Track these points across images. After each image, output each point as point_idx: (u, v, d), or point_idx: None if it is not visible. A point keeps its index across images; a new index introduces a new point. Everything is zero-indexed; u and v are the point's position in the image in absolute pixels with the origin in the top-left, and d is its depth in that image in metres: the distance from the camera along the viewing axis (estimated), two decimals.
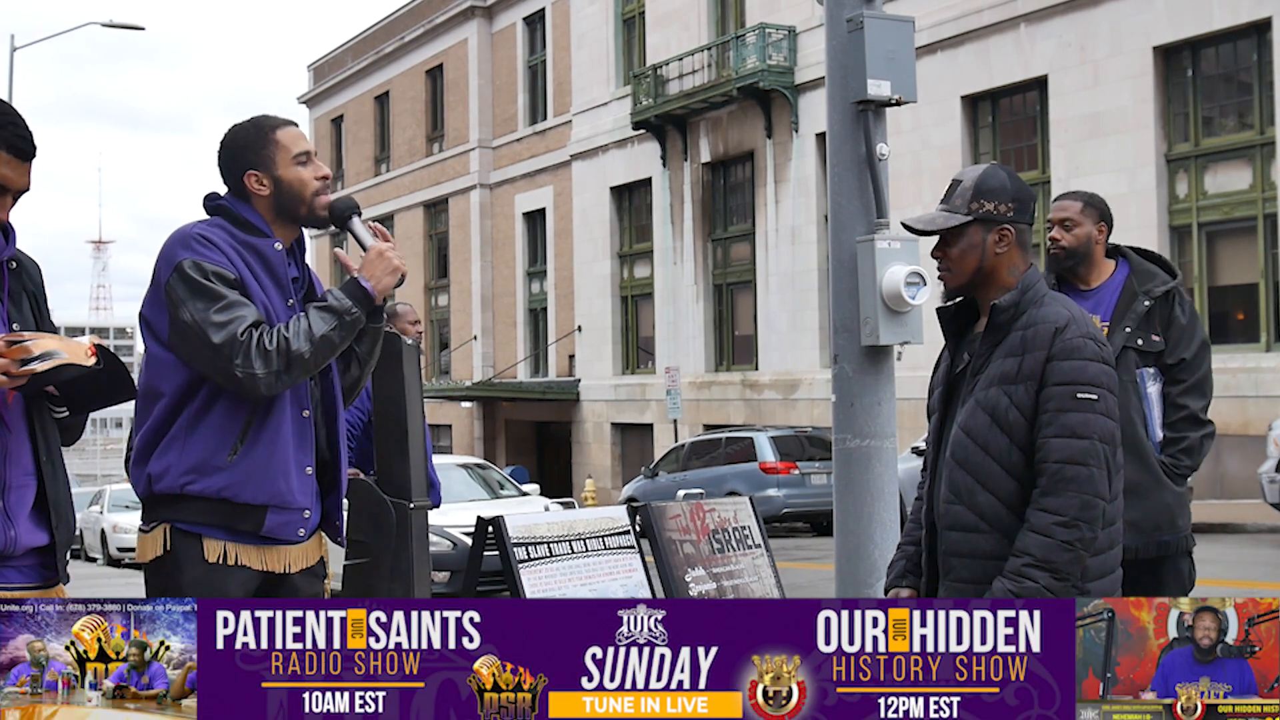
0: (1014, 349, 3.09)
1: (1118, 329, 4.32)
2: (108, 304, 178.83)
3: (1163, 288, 4.39)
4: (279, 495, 3.28)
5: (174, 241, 3.27)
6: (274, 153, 3.39)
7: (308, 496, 3.36)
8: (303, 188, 3.39)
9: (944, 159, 21.38)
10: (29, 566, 2.85)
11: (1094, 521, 2.98)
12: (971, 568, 3.09)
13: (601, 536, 5.81)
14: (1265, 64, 17.57)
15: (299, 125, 3.53)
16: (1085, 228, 4.42)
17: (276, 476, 3.27)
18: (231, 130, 3.47)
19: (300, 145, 3.42)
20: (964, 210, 3.17)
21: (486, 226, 35.86)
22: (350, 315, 3.28)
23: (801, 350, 24.88)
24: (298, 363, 3.19)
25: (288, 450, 3.29)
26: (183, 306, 3.17)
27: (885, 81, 6.67)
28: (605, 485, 29.66)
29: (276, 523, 3.30)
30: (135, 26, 29.13)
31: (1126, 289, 4.39)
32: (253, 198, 3.38)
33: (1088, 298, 4.40)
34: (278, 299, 3.33)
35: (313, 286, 3.48)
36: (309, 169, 3.41)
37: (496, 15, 35.62)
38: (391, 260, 3.36)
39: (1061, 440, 2.99)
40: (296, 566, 3.39)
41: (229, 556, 3.27)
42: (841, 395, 6.79)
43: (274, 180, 3.38)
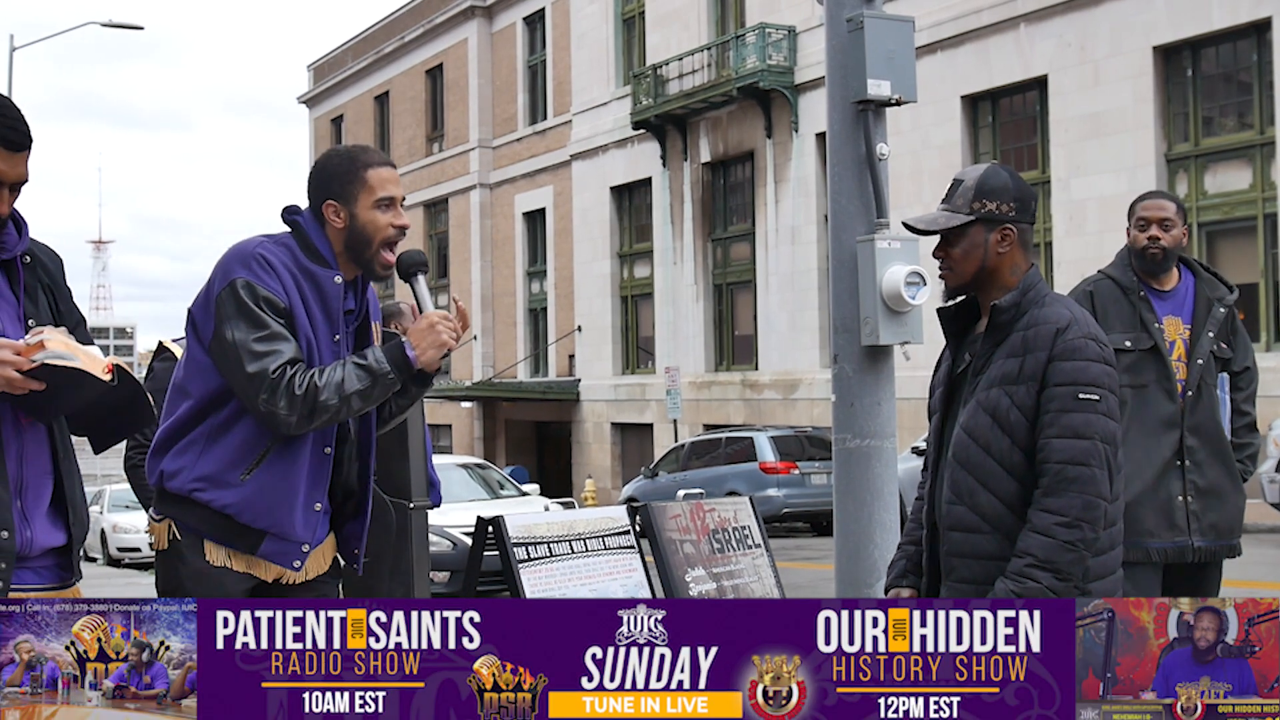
0: (1015, 349, 3.09)
1: (1202, 334, 4.41)
2: (108, 304, 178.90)
3: (1231, 297, 4.52)
4: (279, 525, 3.27)
5: (234, 255, 3.24)
6: (358, 190, 3.34)
7: (310, 531, 3.34)
8: (375, 232, 3.34)
9: (944, 159, 21.39)
10: (45, 568, 2.84)
11: (1096, 522, 2.98)
12: (973, 568, 3.09)
13: (601, 536, 5.81)
14: (1265, 64, 17.57)
15: (395, 168, 3.48)
16: (1178, 229, 4.51)
17: (281, 507, 3.26)
18: (327, 154, 3.44)
19: (387, 190, 3.36)
20: (966, 210, 3.17)
21: (486, 226, 35.86)
22: (386, 380, 3.23)
23: (801, 350, 24.89)
24: (321, 412, 3.16)
25: (299, 484, 3.28)
26: (227, 324, 3.16)
27: (885, 81, 6.67)
28: (605, 485, 29.66)
29: (272, 550, 3.29)
30: (135, 26, 29.11)
31: (1200, 295, 4.49)
32: (327, 226, 3.35)
33: (1166, 300, 4.48)
34: (325, 332, 3.30)
35: (368, 320, 3.45)
36: (387, 215, 3.35)
37: (496, 15, 35.62)
38: (440, 334, 3.27)
39: (1063, 441, 2.99)
40: (297, 580, 3.37)
41: (229, 561, 3.28)
42: (841, 395, 6.79)
43: (350, 216, 3.34)
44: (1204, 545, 4.33)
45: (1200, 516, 4.32)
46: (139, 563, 21.86)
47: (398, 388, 3.28)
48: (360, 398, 3.20)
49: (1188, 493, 4.31)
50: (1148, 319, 4.38)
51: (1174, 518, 4.30)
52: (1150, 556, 4.29)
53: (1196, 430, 4.34)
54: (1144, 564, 4.27)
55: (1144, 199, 4.58)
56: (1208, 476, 4.35)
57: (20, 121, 2.76)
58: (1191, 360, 4.38)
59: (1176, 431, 4.31)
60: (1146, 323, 4.37)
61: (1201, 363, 4.38)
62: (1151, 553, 4.28)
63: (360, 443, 3.45)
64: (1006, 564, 3.01)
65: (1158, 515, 4.28)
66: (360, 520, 3.46)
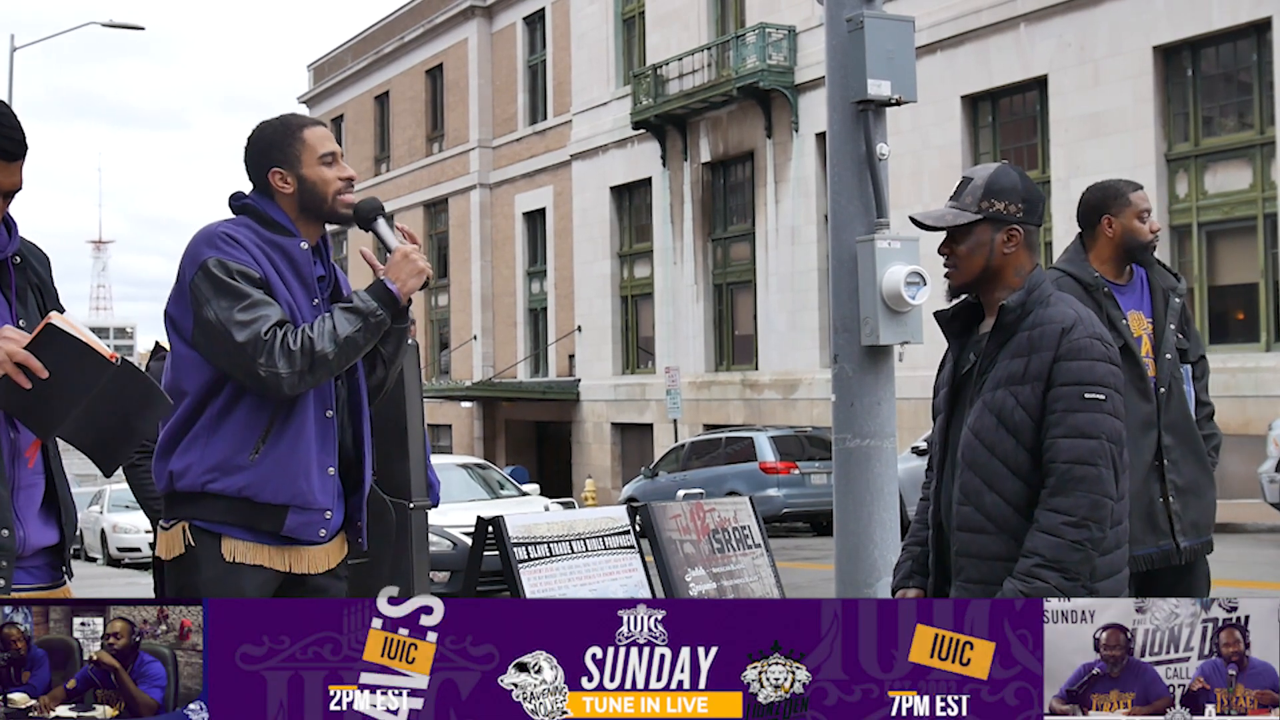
0: (1020, 349, 3.08)
1: (1165, 327, 4.25)
2: (108, 304, 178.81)
3: (1181, 286, 4.37)
4: (300, 495, 3.27)
5: (199, 240, 3.27)
6: (299, 151, 3.39)
7: (329, 497, 3.35)
8: (325, 187, 3.38)
9: (944, 159, 21.38)
10: (37, 567, 2.82)
11: (1103, 521, 2.97)
12: (981, 569, 3.09)
13: (601, 536, 5.81)
14: (1265, 64, 17.57)
15: (326, 126, 3.54)
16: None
17: (298, 476, 3.27)
18: (259, 127, 3.46)
19: (326, 145, 3.41)
20: (974, 208, 3.16)
21: (486, 226, 35.86)
22: (375, 316, 3.27)
23: (801, 350, 24.88)
24: (321, 363, 3.19)
25: (310, 450, 3.29)
26: (207, 305, 3.16)
27: (885, 81, 6.67)
28: (605, 485, 29.66)
29: (297, 523, 3.29)
30: (135, 26, 29.09)
31: (1154, 287, 4.32)
32: (277, 195, 3.38)
33: (1127, 293, 4.30)
34: (303, 298, 3.33)
35: (339, 285, 3.48)
36: (333, 169, 3.40)
37: (496, 15, 35.62)
38: (416, 262, 3.34)
39: (1070, 440, 2.98)
40: (317, 568, 3.38)
41: (247, 556, 3.27)
42: (841, 395, 6.79)
43: (298, 179, 3.38)
44: (1188, 545, 4.18)
45: (1181, 516, 4.16)
46: (139, 563, 21.86)
47: (387, 326, 3.31)
48: (354, 342, 3.23)
49: (1169, 493, 4.15)
50: (1114, 316, 4.14)
51: (1156, 521, 4.14)
52: (1135, 565, 4.04)
53: (1171, 428, 4.18)
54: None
55: (1132, 189, 4.35)
56: (1185, 474, 4.19)
57: (17, 130, 2.72)
58: (1159, 355, 4.20)
59: (1154, 432, 4.14)
60: (1114, 320, 4.12)
61: (1170, 357, 4.21)
62: (1137, 560, 4.05)
63: (351, 406, 3.45)
64: (1013, 564, 3.00)
65: (1141, 520, 4.08)
66: (360, 494, 3.46)
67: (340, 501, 3.42)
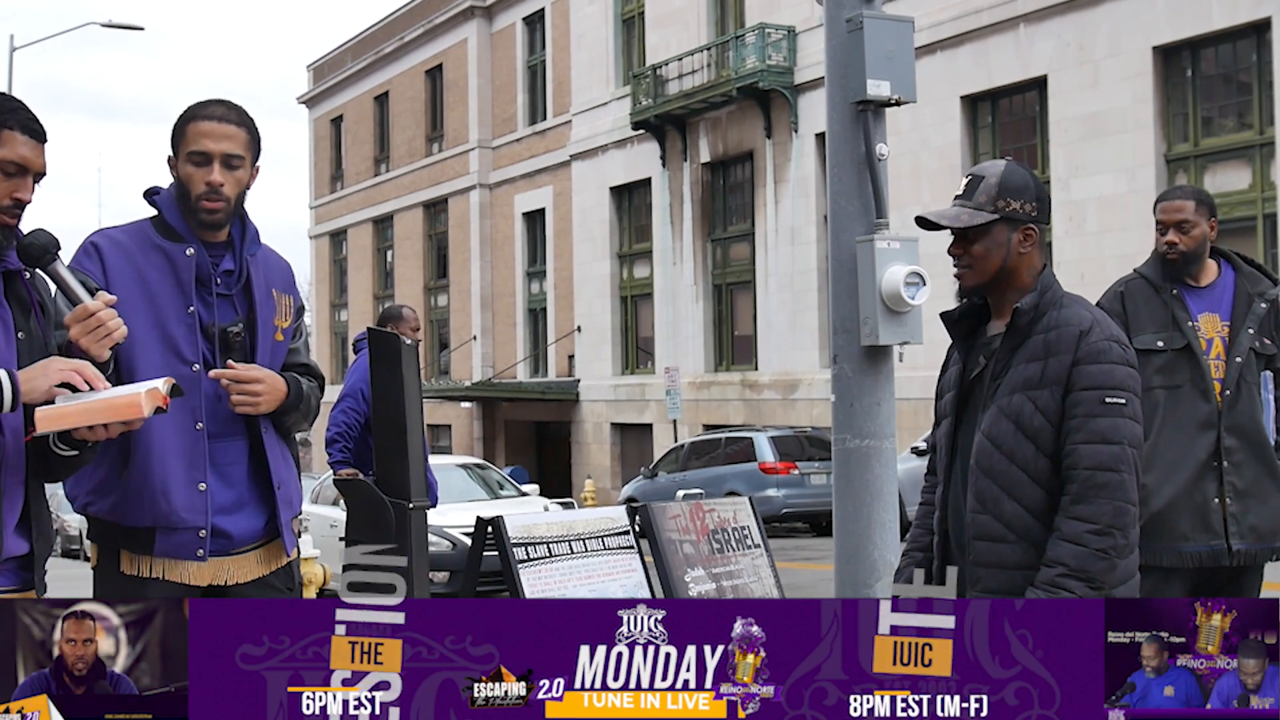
0: (1036, 353, 3.02)
1: (1241, 330, 4.25)
2: None
3: (1273, 292, 4.34)
4: (162, 516, 3.13)
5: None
6: (180, 144, 3.16)
7: (200, 514, 3.15)
8: (190, 187, 3.13)
9: (943, 159, 21.39)
10: (9, 570, 2.81)
11: (1127, 528, 2.91)
12: (999, 579, 3.01)
13: (601, 537, 5.80)
14: (1265, 64, 17.57)
15: (236, 125, 3.15)
16: (1201, 227, 4.32)
17: (157, 497, 3.11)
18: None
19: (200, 144, 3.11)
20: (990, 208, 3.09)
21: (486, 226, 35.86)
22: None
23: (801, 350, 24.89)
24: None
25: (170, 469, 3.11)
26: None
27: (885, 81, 6.67)
28: (605, 485, 29.66)
29: (168, 545, 3.15)
30: (135, 27, 29.10)
31: (1239, 290, 4.32)
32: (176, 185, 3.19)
33: (1203, 296, 4.32)
34: (173, 307, 3.11)
35: (250, 282, 3.23)
36: (201, 170, 3.11)
37: (496, 15, 35.62)
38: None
39: (1091, 446, 2.92)
40: (237, 579, 3.24)
41: (147, 569, 3.17)
42: (841, 395, 6.78)
43: (176, 172, 3.18)
44: (1243, 548, 4.17)
45: (1240, 519, 4.16)
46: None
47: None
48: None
49: (1225, 494, 4.15)
50: (1180, 317, 4.23)
51: (1209, 521, 4.15)
52: (1183, 561, 4.15)
53: (1235, 430, 4.18)
54: (1174, 569, 4.14)
55: (1163, 198, 4.41)
56: (1247, 477, 4.18)
57: (36, 119, 2.79)
58: (1230, 358, 4.22)
59: (1213, 432, 4.16)
60: (1179, 321, 4.22)
61: (1240, 360, 4.21)
62: (1185, 557, 4.14)
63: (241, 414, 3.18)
64: (1033, 573, 2.93)
65: (1193, 519, 4.14)
66: (274, 502, 3.26)
67: (248, 513, 3.23)
